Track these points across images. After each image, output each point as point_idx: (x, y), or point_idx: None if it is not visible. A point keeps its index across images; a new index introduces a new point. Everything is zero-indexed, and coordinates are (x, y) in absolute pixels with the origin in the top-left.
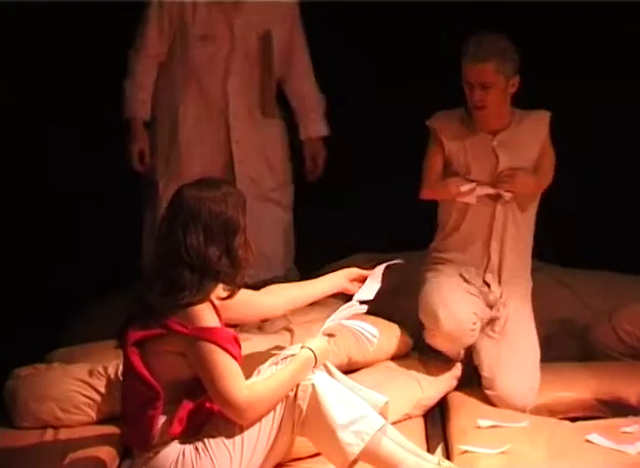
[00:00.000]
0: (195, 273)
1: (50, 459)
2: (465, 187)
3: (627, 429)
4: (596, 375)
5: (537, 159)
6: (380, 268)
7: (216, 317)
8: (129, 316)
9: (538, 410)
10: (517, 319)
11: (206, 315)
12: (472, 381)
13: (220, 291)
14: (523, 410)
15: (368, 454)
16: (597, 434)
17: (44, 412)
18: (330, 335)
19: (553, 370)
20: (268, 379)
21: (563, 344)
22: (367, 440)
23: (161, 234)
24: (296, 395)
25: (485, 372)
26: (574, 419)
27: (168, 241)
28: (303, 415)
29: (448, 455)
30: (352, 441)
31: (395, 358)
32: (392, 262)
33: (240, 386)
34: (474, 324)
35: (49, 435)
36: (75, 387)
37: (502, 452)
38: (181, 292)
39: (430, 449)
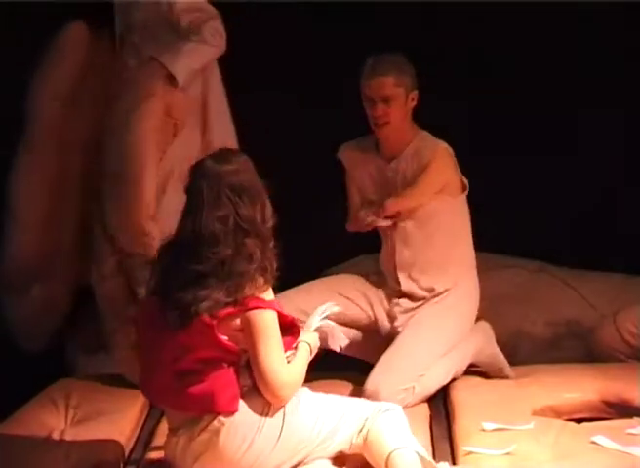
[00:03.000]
0: (258, 242)
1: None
2: (367, 221)
3: (633, 431)
4: (601, 377)
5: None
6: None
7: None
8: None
9: (543, 412)
10: (422, 320)
11: (270, 289)
12: (477, 382)
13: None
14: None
15: None
16: (602, 435)
17: None
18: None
19: (558, 371)
20: (295, 366)
21: (568, 345)
22: None
23: (202, 215)
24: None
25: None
26: (579, 421)
27: (217, 218)
28: None
29: (453, 457)
30: None
31: None
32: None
33: (285, 366)
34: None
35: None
36: None
37: (507, 454)
38: (251, 262)
39: (435, 450)
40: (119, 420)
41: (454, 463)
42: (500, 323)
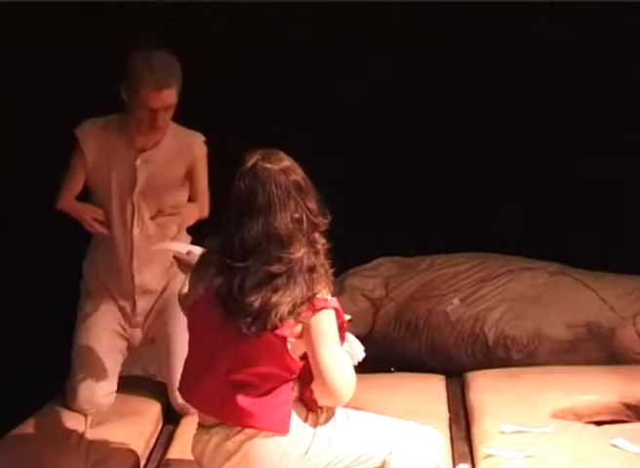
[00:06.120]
0: (322, 236)
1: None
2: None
3: None
4: (621, 379)
5: (191, 184)
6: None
7: None
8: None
9: (562, 414)
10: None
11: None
12: (496, 384)
13: None
14: None
15: None
16: (622, 438)
17: None
18: None
19: (578, 373)
20: (350, 366)
21: (588, 347)
22: None
23: (274, 217)
24: None
25: None
26: (599, 423)
27: (292, 219)
28: None
29: (472, 459)
30: None
31: None
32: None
33: (346, 367)
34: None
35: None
36: None
37: (527, 456)
38: (319, 256)
39: (455, 452)
40: (139, 422)
41: (473, 465)
42: (520, 325)
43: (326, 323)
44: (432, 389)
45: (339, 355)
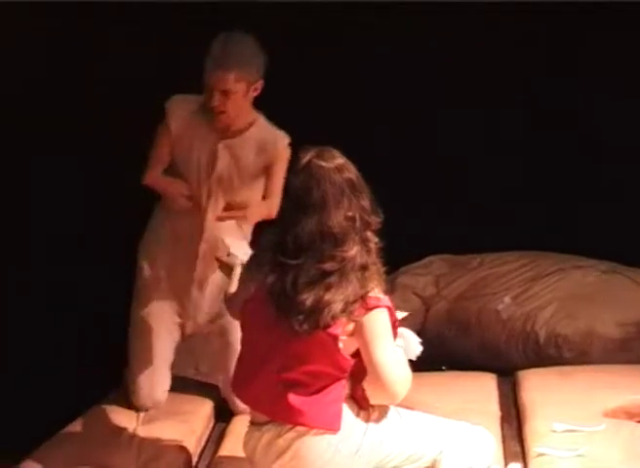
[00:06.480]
0: (374, 234)
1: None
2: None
3: None
4: None
5: (266, 182)
6: None
7: None
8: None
9: (614, 413)
10: None
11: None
12: (548, 383)
13: None
14: None
15: None
16: None
17: None
18: None
19: (630, 372)
20: (405, 361)
21: (639, 346)
22: None
23: (327, 215)
24: None
25: None
26: None
27: (346, 217)
28: None
29: (524, 458)
30: None
31: None
32: None
33: (400, 363)
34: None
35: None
36: None
37: (579, 455)
38: (371, 254)
39: (506, 451)
40: (190, 420)
41: (525, 465)
42: (571, 323)
43: (379, 321)
44: (484, 387)
45: (393, 352)
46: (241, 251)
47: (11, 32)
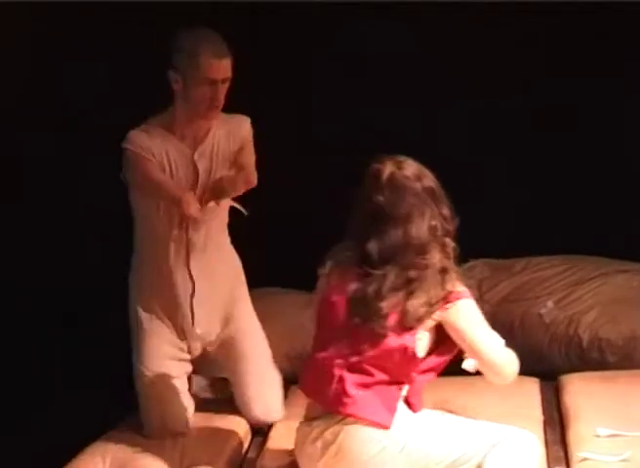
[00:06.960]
0: (452, 239)
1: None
2: None
3: None
4: None
5: (236, 160)
6: None
7: None
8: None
9: None
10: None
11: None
12: (591, 387)
13: None
14: None
15: None
16: None
17: None
18: None
19: None
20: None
21: None
22: None
23: (412, 226)
24: None
25: None
26: None
27: (429, 227)
28: None
29: (567, 463)
30: None
31: None
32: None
33: (503, 346)
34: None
35: None
36: None
37: (623, 460)
38: (450, 258)
39: (549, 456)
40: (229, 432)
41: None
42: (614, 327)
43: (468, 309)
44: (526, 392)
45: (493, 335)
46: None
47: (11, 32)
